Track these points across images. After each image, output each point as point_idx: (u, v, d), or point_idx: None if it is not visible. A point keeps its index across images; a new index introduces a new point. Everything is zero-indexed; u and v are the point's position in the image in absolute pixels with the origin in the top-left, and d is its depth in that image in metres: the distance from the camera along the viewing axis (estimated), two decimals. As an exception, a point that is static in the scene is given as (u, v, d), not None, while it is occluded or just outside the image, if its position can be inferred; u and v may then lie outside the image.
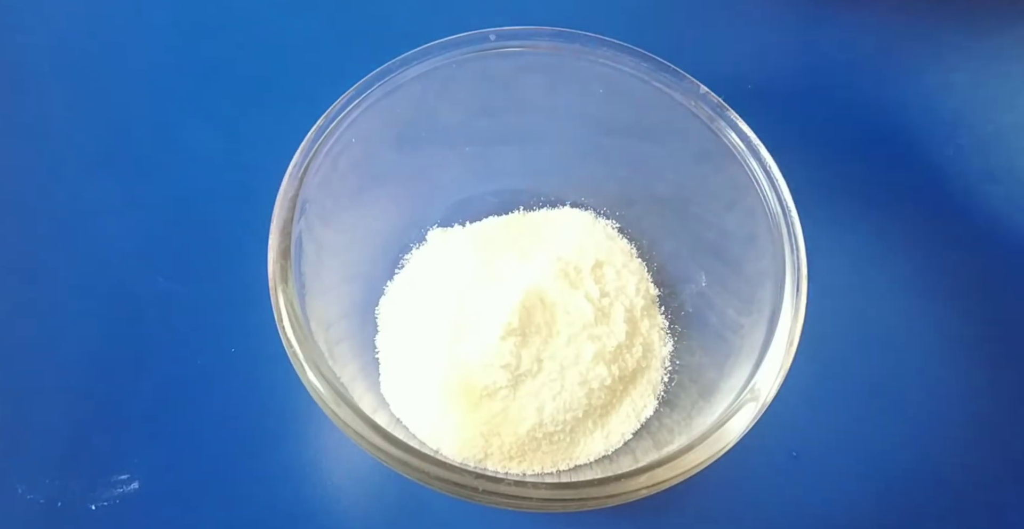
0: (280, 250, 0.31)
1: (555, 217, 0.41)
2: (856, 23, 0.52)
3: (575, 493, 0.28)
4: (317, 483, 0.36)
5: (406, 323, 0.37)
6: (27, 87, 0.46)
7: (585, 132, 0.40)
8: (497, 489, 0.28)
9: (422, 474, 0.28)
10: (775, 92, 0.48)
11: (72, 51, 0.47)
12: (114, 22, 0.48)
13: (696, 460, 0.29)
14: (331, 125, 0.34)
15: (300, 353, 0.29)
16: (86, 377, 0.38)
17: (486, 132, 0.39)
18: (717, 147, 0.36)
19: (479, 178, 0.41)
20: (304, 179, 0.32)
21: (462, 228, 0.40)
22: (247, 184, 0.43)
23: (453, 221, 0.41)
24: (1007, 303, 0.44)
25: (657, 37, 0.46)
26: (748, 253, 0.35)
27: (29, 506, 0.35)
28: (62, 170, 0.43)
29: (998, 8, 0.53)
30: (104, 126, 0.45)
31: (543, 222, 0.41)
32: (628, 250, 0.40)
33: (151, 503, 0.35)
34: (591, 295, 0.36)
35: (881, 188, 0.46)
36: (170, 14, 0.49)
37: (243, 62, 0.47)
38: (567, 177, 0.41)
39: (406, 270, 0.39)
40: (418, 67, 0.35)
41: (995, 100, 0.50)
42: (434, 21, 0.49)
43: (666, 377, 0.37)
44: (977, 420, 0.40)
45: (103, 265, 0.41)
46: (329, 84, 0.35)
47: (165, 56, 0.47)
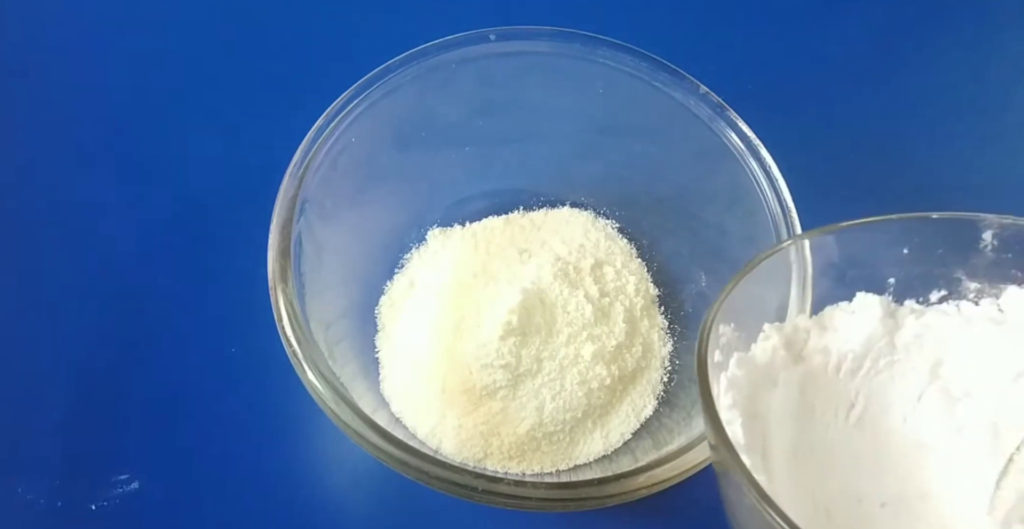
0: (280, 250, 0.31)
1: (555, 217, 0.41)
2: (856, 23, 0.52)
3: (575, 493, 0.28)
4: (317, 483, 0.36)
5: (406, 323, 0.37)
6: (27, 87, 0.46)
7: (585, 132, 0.40)
8: (496, 489, 0.28)
9: (422, 474, 0.28)
10: (775, 92, 0.48)
11: (72, 51, 0.47)
12: (114, 22, 0.48)
13: (696, 460, 0.29)
14: (331, 125, 0.34)
15: (300, 353, 0.29)
16: (86, 377, 0.38)
17: (486, 132, 0.39)
18: (717, 147, 0.36)
19: (479, 178, 0.41)
20: (304, 179, 0.32)
21: (462, 228, 0.40)
22: (247, 184, 0.43)
23: (453, 221, 0.41)
24: (1007, 303, 0.44)
25: (657, 37, 0.46)
26: (748, 253, 0.35)
27: (29, 506, 0.35)
28: (62, 170, 0.43)
29: (998, 8, 0.53)
30: (104, 126, 0.45)
31: (543, 222, 0.41)
32: (628, 250, 0.40)
33: (151, 503, 0.35)
34: (591, 295, 0.36)
35: (881, 188, 0.46)
36: (170, 14, 0.49)
37: (243, 62, 0.47)
38: (567, 177, 0.41)
39: (406, 270, 0.39)
40: (418, 67, 0.36)
41: (995, 100, 0.50)
42: (434, 21, 0.49)
43: (666, 377, 0.37)
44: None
45: (103, 265, 0.41)
46: (329, 84, 0.35)
47: (165, 56, 0.47)
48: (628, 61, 0.36)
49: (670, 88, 0.36)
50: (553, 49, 0.37)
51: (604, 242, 0.40)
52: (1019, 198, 0.47)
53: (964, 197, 0.46)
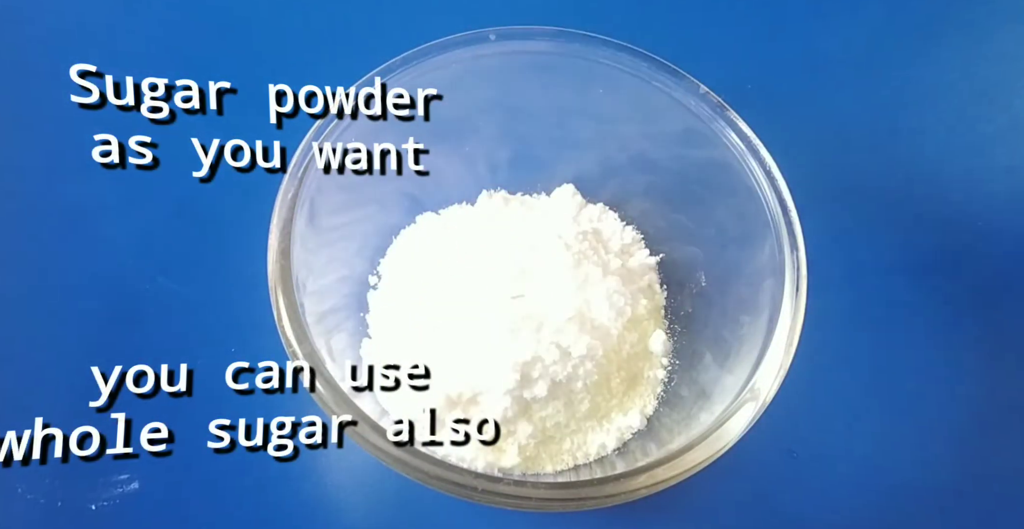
0: (280, 250, 0.31)
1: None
2: (856, 23, 0.52)
3: (575, 493, 0.28)
4: (317, 483, 0.36)
5: (406, 323, 0.37)
6: (27, 86, 0.46)
7: (584, 132, 0.40)
8: (496, 489, 0.28)
9: (422, 474, 0.28)
10: (775, 92, 0.48)
11: (72, 49, 0.47)
12: (114, 21, 0.48)
13: (696, 459, 0.29)
14: (331, 125, 0.34)
15: (300, 353, 0.29)
16: (86, 377, 0.38)
17: (485, 131, 0.39)
18: (717, 147, 0.36)
19: (479, 177, 0.41)
20: (304, 179, 0.32)
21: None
22: (247, 184, 0.42)
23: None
24: (1007, 303, 0.44)
25: (657, 37, 0.46)
26: (748, 253, 0.35)
27: (29, 506, 0.35)
28: (62, 170, 0.43)
29: (998, 8, 0.53)
30: (104, 125, 0.45)
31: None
32: (636, 238, 0.40)
33: (151, 503, 0.35)
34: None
35: (881, 188, 0.46)
36: (170, 13, 0.49)
37: (243, 62, 0.47)
38: (566, 177, 0.41)
39: (403, 269, 0.39)
40: (418, 67, 0.35)
41: (995, 100, 0.50)
42: (434, 21, 0.49)
43: (666, 377, 0.37)
44: (977, 420, 0.40)
45: (103, 265, 0.41)
46: (329, 84, 0.35)
47: (165, 55, 0.47)
48: (628, 61, 0.36)
49: (670, 88, 0.36)
50: (553, 49, 0.36)
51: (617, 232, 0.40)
52: (1019, 198, 0.47)
53: (964, 197, 0.46)
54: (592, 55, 0.36)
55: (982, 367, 0.42)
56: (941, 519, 0.38)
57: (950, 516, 0.38)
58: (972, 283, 0.44)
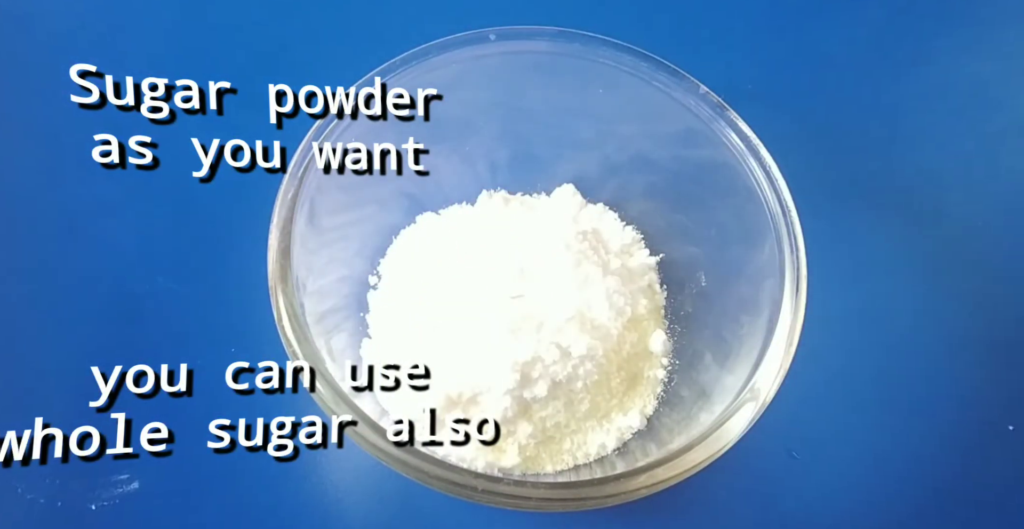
0: (280, 250, 0.31)
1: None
2: (856, 23, 0.52)
3: (575, 493, 0.28)
4: (317, 483, 0.36)
5: (406, 323, 0.37)
6: (27, 86, 0.46)
7: (584, 132, 0.40)
8: (496, 488, 0.28)
9: (422, 474, 0.28)
10: (775, 92, 0.48)
11: (72, 49, 0.47)
12: (114, 21, 0.48)
13: (696, 460, 0.29)
14: (331, 125, 0.34)
15: (300, 353, 0.29)
16: (86, 377, 0.38)
17: (485, 131, 0.39)
18: (717, 147, 0.36)
19: (478, 177, 0.41)
20: (304, 179, 0.32)
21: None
22: (247, 184, 0.42)
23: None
24: (1008, 303, 0.44)
25: (657, 37, 0.46)
26: (748, 253, 0.35)
27: (29, 506, 0.35)
28: (62, 170, 0.43)
29: (998, 8, 0.53)
30: (104, 125, 0.45)
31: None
32: (636, 238, 0.40)
33: (151, 503, 0.35)
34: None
35: (881, 188, 0.46)
36: (170, 13, 0.49)
37: (243, 61, 0.47)
38: (566, 177, 0.41)
39: (403, 269, 0.39)
40: (418, 67, 0.35)
41: (995, 100, 0.50)
42: (434, 21, 0.49)
43: (666, 377, 0.37)
44: (977, 420, 0.40)
45: (103, 265, 0.41)
46: (329, 84, 0.35)
47: (165, 55, 0.47)
48: (628, 61, 0.36)
49: (670, 88, 0.36)
50: (553, 49, 0.36)
51: (615, 233, 0.40)
52: (1019, 198, 0.47)
53: (964, 197, 0.46)
54: (592, 55, 0.36)
55: (983, 367, 0.42)
56: (941, 519, 0.38)
57: (950, 516, 0.38)
58: (972, 283, 0.44)
